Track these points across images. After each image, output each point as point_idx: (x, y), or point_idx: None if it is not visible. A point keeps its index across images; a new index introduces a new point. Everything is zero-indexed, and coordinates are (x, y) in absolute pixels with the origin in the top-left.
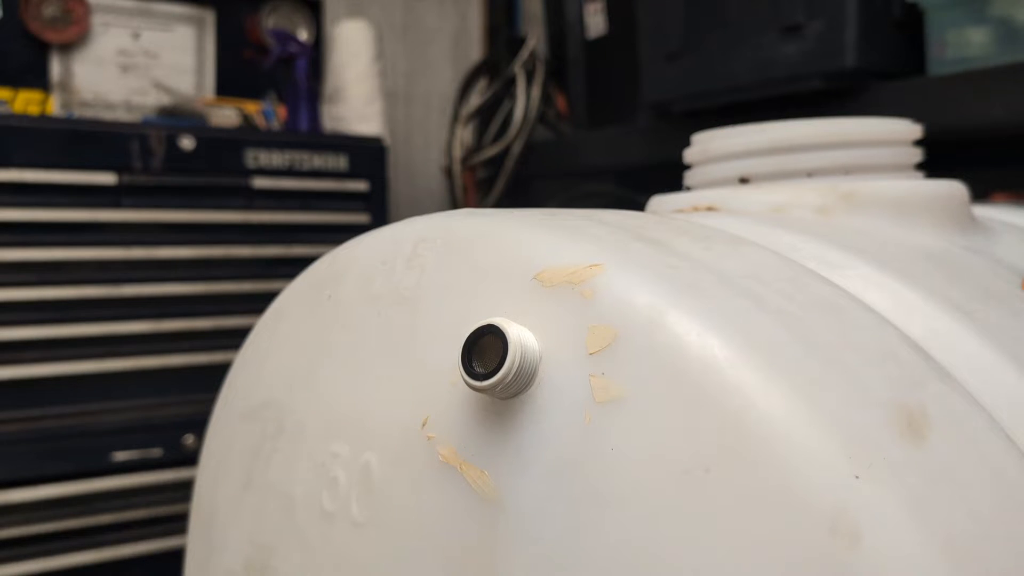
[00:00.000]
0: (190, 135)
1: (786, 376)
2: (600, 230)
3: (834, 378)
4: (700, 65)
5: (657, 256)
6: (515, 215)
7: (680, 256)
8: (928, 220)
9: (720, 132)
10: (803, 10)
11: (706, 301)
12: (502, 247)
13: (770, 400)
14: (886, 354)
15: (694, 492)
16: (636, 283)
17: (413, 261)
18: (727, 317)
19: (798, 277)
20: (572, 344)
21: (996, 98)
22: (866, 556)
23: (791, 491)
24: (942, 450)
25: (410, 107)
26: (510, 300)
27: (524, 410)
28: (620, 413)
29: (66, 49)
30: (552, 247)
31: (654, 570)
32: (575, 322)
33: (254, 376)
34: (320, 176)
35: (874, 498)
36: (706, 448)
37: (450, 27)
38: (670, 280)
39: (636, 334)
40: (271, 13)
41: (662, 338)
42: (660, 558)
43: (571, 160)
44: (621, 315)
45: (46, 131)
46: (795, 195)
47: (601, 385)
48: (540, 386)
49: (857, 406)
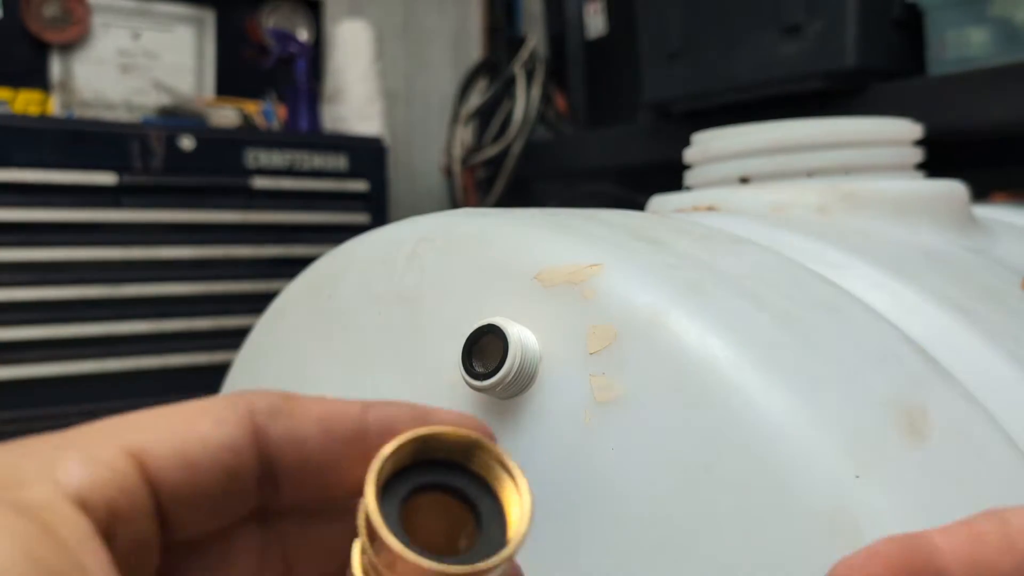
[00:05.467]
0: (190, 135)
1: (786, 376)
2: (600, 230)
3: (834, 378)
4: (700, 65)
5: (657, 256)
6: (515, 215)
7: (680, 256)
8: (928, 220)
9: (720, 132)
10: (803, 10)
11: (706, 301)
12: (502, 247)
13: (770, 400)
14: (886, 354)
15: (694, 492)
16: (636, 283)
17: (413, 261)
18: (727, 317)
19: (798, 277)
20: (572, 344)
21: (996, 98)
22: None
23: (791, 491)
24: (942, 450)
25: (410, 107)
26: (510, 300)
27: (524, 410)
28: (620, 413)
29: (66, 49)
30: (552, 247)
31: (654, 570)
32: (575, 322)
33: (254, 376)
34: (320, 176)
35: (874, 498)
36: (706, 448)
37: (450, 27)
38: (670, 280)
39: (636, 334)
40: (271, 13)
41: (662, 338)
42: (660, 558)
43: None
44: (621, 315)
45: (46, 131)
46: (795, 195)
47: (601, 385)
48: (540, 386)
49: (857, 406)
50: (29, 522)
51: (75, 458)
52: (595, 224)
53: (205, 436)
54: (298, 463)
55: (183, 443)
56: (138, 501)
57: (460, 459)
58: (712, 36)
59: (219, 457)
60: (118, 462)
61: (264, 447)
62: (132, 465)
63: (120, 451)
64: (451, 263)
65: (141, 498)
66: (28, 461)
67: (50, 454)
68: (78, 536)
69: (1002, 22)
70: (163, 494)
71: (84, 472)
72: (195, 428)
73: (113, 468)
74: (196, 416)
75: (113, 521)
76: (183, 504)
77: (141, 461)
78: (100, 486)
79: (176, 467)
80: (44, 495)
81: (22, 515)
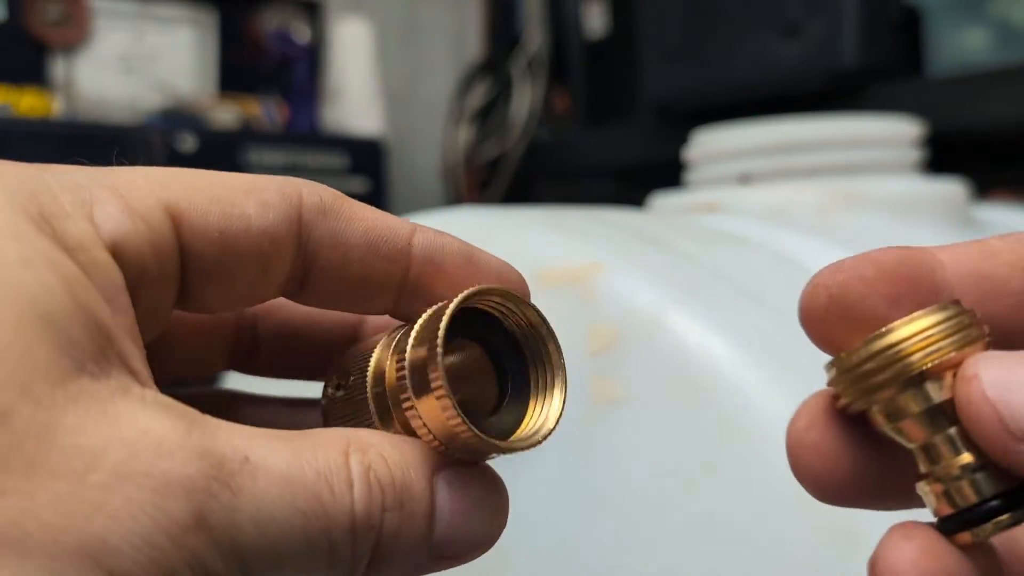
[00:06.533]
0: (191, 135)
1: (785, 375)
2: (601, 229)
3: None
4: (700, 65)
5: (658, 256)
6: (516, 214)
7: (681, 256)
8: (928, 220)
9: (720, 131)
10: (803, 10)
11: (706, 301)
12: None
13: (770, 399)
14: None
15: (695, 492)
16: (637, 282)
17: None
18: (727, 317)
19: (798, 277)
20: (573, 344)
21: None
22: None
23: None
24: None
25: (410, 107)
26: None
27: None
28: (620, 413)
29: (68, 51)
30: (553, 246)
31: (655, 570)
32: (576, 322)
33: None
34: (320, 176)
35: None
36: (706, 448)
37: (450, 27)
38: (671, 280)
39: (636, 334)
40: (271, 14)
41: (662, 338)
42: (661, 558)
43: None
44: (622, 315)
45: (48, 132)
46: (795, 195)
47: (601, 385)
48: None
49: None
50: (70, 261)
51: (112, 201)
52: (596, 223)
53: (247, 216)
54: (334, 268)
55: (223, 218)
56: (166, 265)
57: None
58: (712, 36)
59: (257, 242)
60: (155, 218)
61: (305, 243)
62: (168, 225)
63: (159, 207)
64: None
65: (170, 263)
66: (65, 192)
67: (88, 189)
68: (112, 287)
69: (1001, 23)
70: (190, 264)
71: (121, 219)
72: (238, 205)
73: (149, 224)
74: (242, 192)
75: (139, 280)
76: (207, 279)
77: (178, 223)
78: (134, 239)
79: (211, 241)
80: (81, 233)
81: (64, 251)
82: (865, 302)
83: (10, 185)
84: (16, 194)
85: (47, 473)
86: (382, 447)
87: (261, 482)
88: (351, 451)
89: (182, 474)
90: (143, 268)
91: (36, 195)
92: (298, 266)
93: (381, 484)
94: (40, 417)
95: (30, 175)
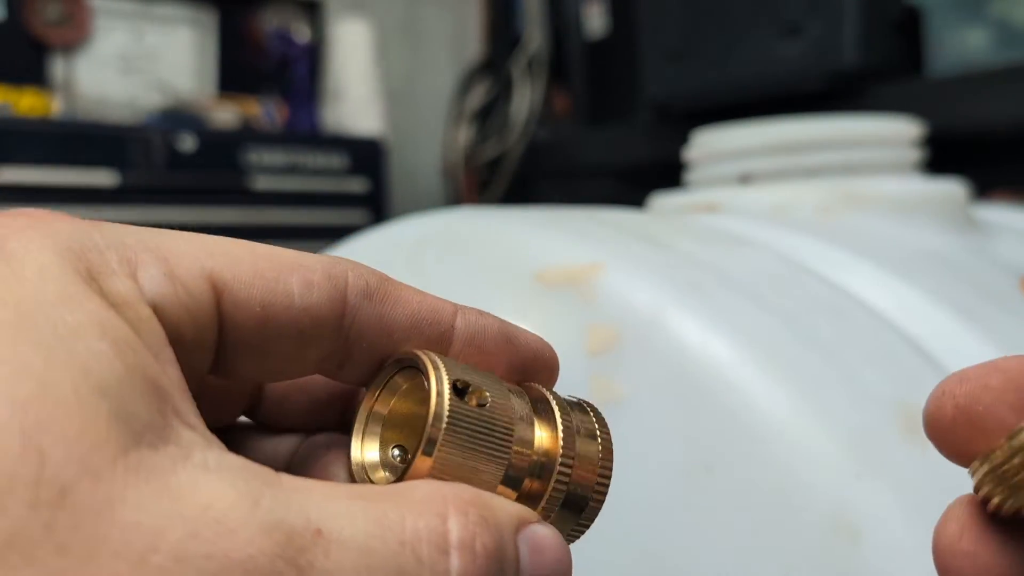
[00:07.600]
0: (191, 135)
1: (786, 375)
2: (601, 229)
3: (834, 378)
4: (700, 65)
5: (658, 256)
6: (516, 214)
7: (681, 256)
8: (928, 220)
9: (720, 130)
10: (803, 10)
11: (706, 301)
12: (503, 246)
13: (770, 399)
14: (886, 354)
15: (695, 491)
16: (637, 282)
17: (413, 261)
18: (727, 317)
19: (798, 277)
20: (573, 344)
21: (995, 98)
22: (865, 555)
23: (791, 490)
24: None
25: (410, 107)
26: (511, 299)
27: None
28: (620, 413)
29: (68, 50)
30: (553, 246)
31: (655, 570)
32: (576, 322)
33: None
34: (320, 176)
35: (874, 497)
36: (707, 447)
37: (450, 27)
38: (671, 280)
39: (636, 334)
40: (271, 13)
41: (662, 338)
42: (662, 558)
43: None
44: (622, 315)
45: (48, 132)
46: (795, 195)
47: (601, 385)
48: None
49: (857, 406)
50: (119, 318)
51: (156, 264)
52: (596, 224)
53: (291, 294)
54: (376, 351)
55: (266, 293)
56: (203, 332)
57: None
58: (712, 36)
59: (297, 320)
60: (197, 286)
61: (348, 326)
62: (209, 295)
63: (202, 275)
64: (451, 263)
65: (207, 331)
66: (111, 251)
67: (133, 250)
68: (158, 341)
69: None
70: (227, 335)
71: (163, 282)
72: (283, 281)
73: (190, 291)
74: (287, 269)
75: (174, 344)
76: (243, 352)
77: (220, 293)
78: (173, 302)
79: (251, 315)
80: (127, 290)
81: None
82: (993, 412)
83: (62, 243)
84: (67, 253)
85: (109, 554)
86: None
87: (334, 557)
88: (451, 513)
89: (244, 555)
90: (179, 333)
91: (85, 252)
92: (339, 347)
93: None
94: (101, 493)
95: (82, 232)
